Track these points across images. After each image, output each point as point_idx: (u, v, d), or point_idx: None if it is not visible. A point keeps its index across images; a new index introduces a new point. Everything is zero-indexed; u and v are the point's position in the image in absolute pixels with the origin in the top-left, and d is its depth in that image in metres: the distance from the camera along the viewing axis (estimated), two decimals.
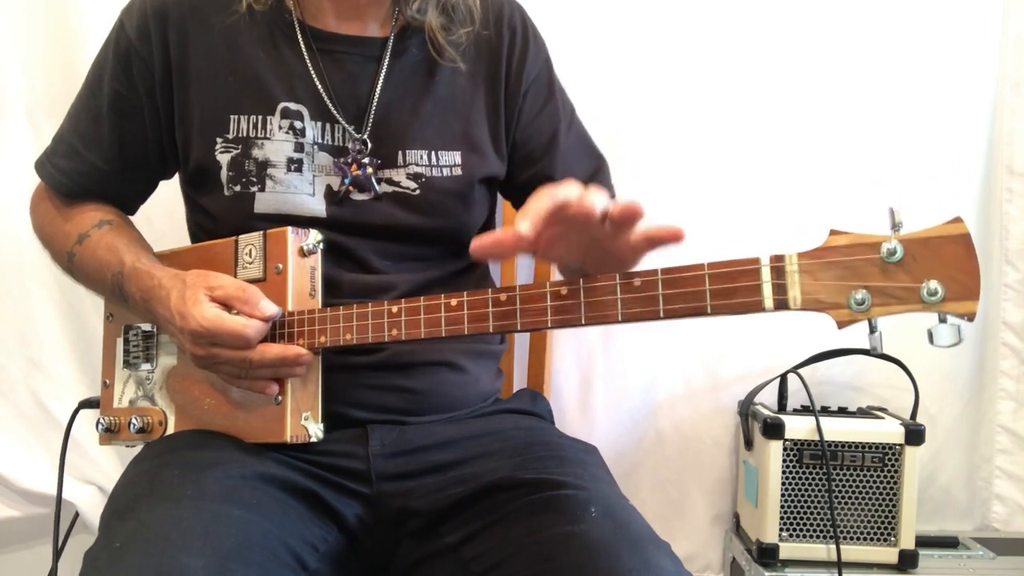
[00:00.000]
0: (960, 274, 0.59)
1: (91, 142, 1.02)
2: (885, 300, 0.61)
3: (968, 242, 0.60)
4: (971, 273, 0.59)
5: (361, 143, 0.99)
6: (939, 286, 0.60)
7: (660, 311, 0.68)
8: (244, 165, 0.96)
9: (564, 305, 0.73)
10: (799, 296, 0.64)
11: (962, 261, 0.59)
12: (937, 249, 0.60)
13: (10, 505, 1.51)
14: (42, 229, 1.08)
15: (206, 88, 0.98)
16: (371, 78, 1.00)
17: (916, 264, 0.60)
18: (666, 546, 0.78)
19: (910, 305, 0.61)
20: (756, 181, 1.50)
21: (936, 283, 0.60)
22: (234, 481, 0.82)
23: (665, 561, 0.75)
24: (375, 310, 0.83)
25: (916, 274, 0.60)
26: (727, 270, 0.66)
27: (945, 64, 1.50)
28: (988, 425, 1.56)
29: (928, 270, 0.60)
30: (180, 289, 0.88)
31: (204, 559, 0.70)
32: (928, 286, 0.60)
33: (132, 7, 1.01)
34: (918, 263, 0.60)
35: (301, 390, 0.89)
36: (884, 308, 0.61)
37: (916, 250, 0.61)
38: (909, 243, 0.61)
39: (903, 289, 0.61)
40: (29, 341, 1.48)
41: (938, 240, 0.60)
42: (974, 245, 0.59)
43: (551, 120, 1.10)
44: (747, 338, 1.51)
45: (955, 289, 0.59)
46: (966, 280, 0.59)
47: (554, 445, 0.96)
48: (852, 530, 1.34)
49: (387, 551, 0.93)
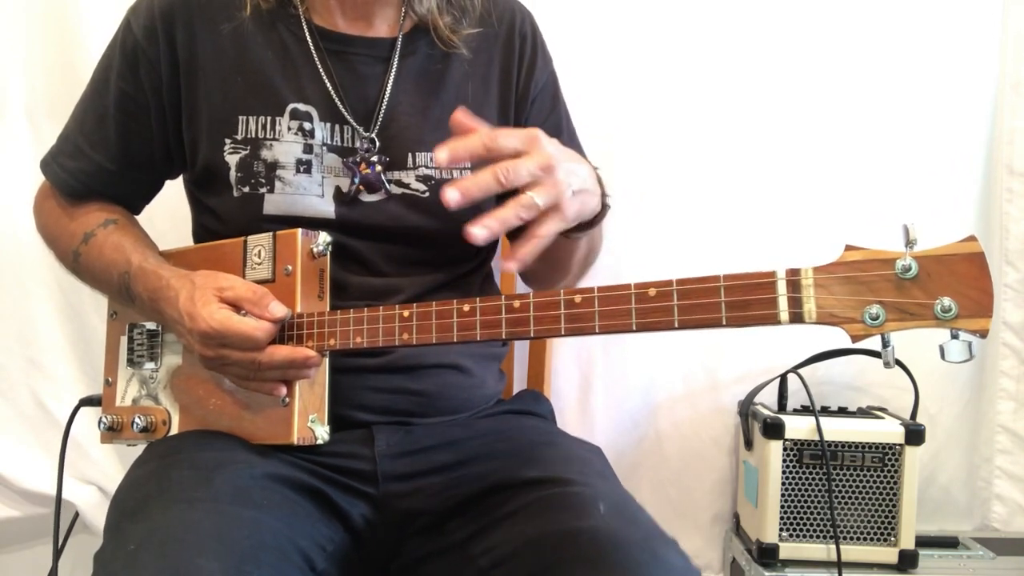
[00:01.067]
0: (974, 291, 0.60)
1: (97, 142, 1.02)
2: (899, 316, 0.62)
3: (982, 260, 0.60)
4: (985, 291, 0.60)
5: (369, 141, 0.99)
6: (953, 303, 0.60)
7: (675, 322, 0.69)
8: (253, 166, 0.96)
9: (578, 313, 0.73)
10: (814, 310, 0.64)
11: (976, 279, 0.60)
12: (951, 267, 0.61)
13: (10, 505, 1.51)
14: (47, 228, 1.07)
15: (214, 89, 0.97)
16: (380, 79, 1.00)
17: (930, 281, 0.61)
18: (674, 543, 0.79)
19: (924, 321, 0.61)
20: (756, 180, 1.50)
21: (950, 300, 0.60)
22: (244, 482, 0.82)
23: (674, 557, 0.75)
24: (386, 314, 0.83)
25: (930, 291, 0.61)
26: (743, 283, 0.66)
27: (945, 64, 1.50)
28: (988, 425, 1.57)
29: (942, 287, 0.61)
30: (189, 290, 0.87)
31: (220, 561, 0.70)
32: (942, 303, 0.60)
33: (139, 7, 1.00)
34: (932, 280, 0.61)
35: (308, 392, 0.89)
36: (898, 324, 0.62)
37: (931, 267, 0.61)
38: (924, 260, 0.61)
39: (917, 305, 0.61)
40: (29, 341, 1.48)
41: (952, 258, 0.61)
42: (988, 264, 0.60)
43: (554, 129, 1.10)
44: (747, 338, 1.51)
45: (968, 306, 0.60)
46: (980, 297, 0.60)
47: (559, 444, 0.97)
48: (852, 530, 1.34)
49: (392, 551, 0.93)
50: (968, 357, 0.61)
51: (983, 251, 0.60)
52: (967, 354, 0.61)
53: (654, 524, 0.81)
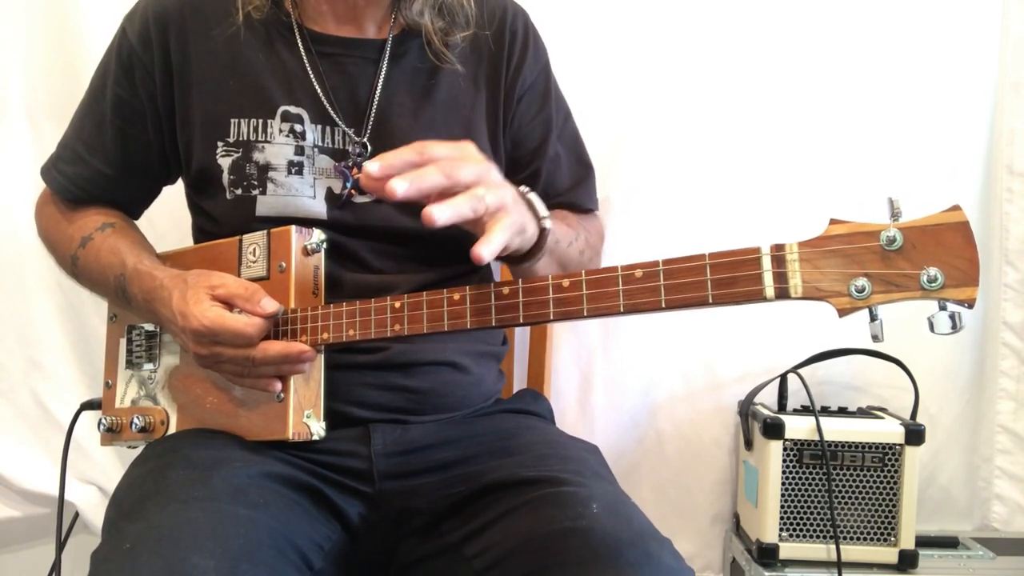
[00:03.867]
0: (959, 260, 0.60)
1: (95, 148, 1.03)
2: (885, 287, 0.62)
3: (967, 229, 0.60)
4: (970, 260, 0.60)
5: (361, 146, 0.99)
6: (939, 273, 0.60)
7: (662, 302, 0.69)
8: (245, 168, 0.97)
9: (566, 297, 0.73)
10: (800, 284, 0.64)
11: (961, 248, 0.60)
12: (936, 236, 0.61)
13: (10, 505, 1.51)
14: (47, 233, 1.08)
15: (207, 92, 0.98)
16: (370, 80, 1.01)
17: (915, 251, 0.61)
18: (668, 542, 0.79)
19: (910, 292, 0.61)
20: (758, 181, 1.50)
21: (936, 270, 0.60)
22: (241, 480, 0.83)
23: (667, 557, 0.76)
24: (378, 305, 0.83)
25: (916, 261, 0.61)
26: (728, 260, 0.67)
27: (945, 64, 1.50)
28: (988, 425, 1.56)
29: (927, 257, 0.61)
30: (182, 289, 0.88)
31: (215, 560, 0.70)
32: (928, 273, 0.60)
33: (134, 13, 1.01)
34: (917, 250, 0.61)
35: (303, 388, 0.89)
36: (885, 295, 0.62)
37: (915, 237, 0.61)
38: (908, 231, 0.61)
39: (903, 276, 0.61)
40: (29, 341, 1.48)
41: (937, 228, 0.61)
42: (972, 232, 0.60)
43: (543, 127, 1.11)
44: (747, 338, 1.52)
45: (955, 276, 0.60)
46: (965, 266, 0.60)
47: (556, 444, 0.96)
48: (852, 530, 1.34)
49: (388, 550, 0.93)
50: (956, 328, 0.61)
51: (967, 219, 0.60)
52: (955, 325, 0.61)
53: (648, 524, 0.81)
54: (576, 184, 1.15)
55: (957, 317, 0.61)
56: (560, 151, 1.13)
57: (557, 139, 1.12)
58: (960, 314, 0.61)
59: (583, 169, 1.17)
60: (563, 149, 1.14)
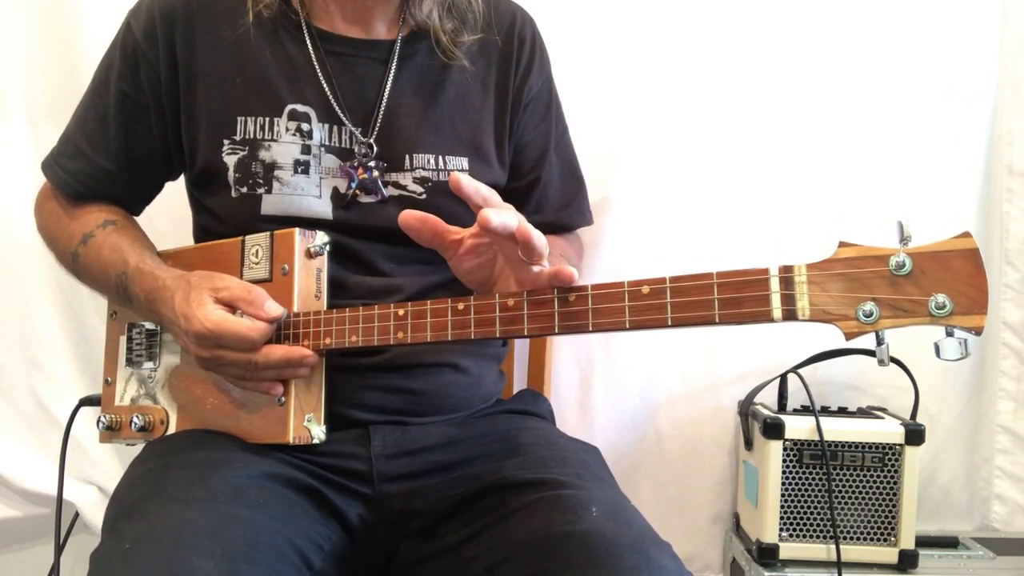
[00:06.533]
0: (968, 288, 0.60)
1: (97, 143, 1.02)
2: (893, 313, 0.62)
3: (977, 257, 0.60)
4: (979, 287, 0.59)
5: (367, 146, 0.99)
6: (947, 300, 0.60)
7: (668, 319, 0.69)
8: (251, 167, 0.96)
9: (572, 311, 0.73)
10: (807, 307, 0.64)
11: (970, 275, 0.60)
12: (946, 263, 0.60)
13: (10, 505, 1.51)
14: (47, 229, 1.07)
15: (213, 90, 0.97)
16: (379, 81, 1.00)
17: (924, 277, 0.61)
18: (667, 546, 0.79)
19: (918, 318, 0.61)
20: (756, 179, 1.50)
21: (944, 297, 0.60)
22: (240, 481, 0.82)
23: (666, 560, 0.75)
24: (381, 312, 0.83)
25: (924, 287, 0.61)
26: (736, 280, 0.66)
27: (945, 64, 1.50)
28: (988, 425, 1.57)
29: (936, 284, 0.60)
30: (185, 290, 0.87)
31: (215, 560, 0.70)
32: (936, 299, 0.60)
33: (139, 8, 1.01)
34: (927, 276, 0.61)
35: (305, 392, 0.89)
36: (892, 320, 0.62)
37: (925, 263, 0.61)
38: (918, 256, 0.61)
39: (911, 302, 0.61)
40: (29, 341, 1.48)
41: (947, 254, 0.60)
42: (983, 260, 0.60)
43: (544, 137, 1.11)
44: (747, 338, 1.52)
45: (963, 303, 0.60)
46: (974, 294, 0.59)
47: (555, 445, 0.96)
48: (852, 530, 1.34)
49: (388, 551, 0.93)
50: (963, 355, 0.61)
51: (978, 247, 0.60)
52: (962, 352, 0.61)
53: (648, 527, 0.81)
54: (568, 202, 1.16)
55: (964, 344, 0.61)
56: (557, 164, 1.14)
57: (555, 152, 1.13)
58: (967, 340, 0.61)
59: (576, 183, 1.18)
60: (560, 163, 1.14)
